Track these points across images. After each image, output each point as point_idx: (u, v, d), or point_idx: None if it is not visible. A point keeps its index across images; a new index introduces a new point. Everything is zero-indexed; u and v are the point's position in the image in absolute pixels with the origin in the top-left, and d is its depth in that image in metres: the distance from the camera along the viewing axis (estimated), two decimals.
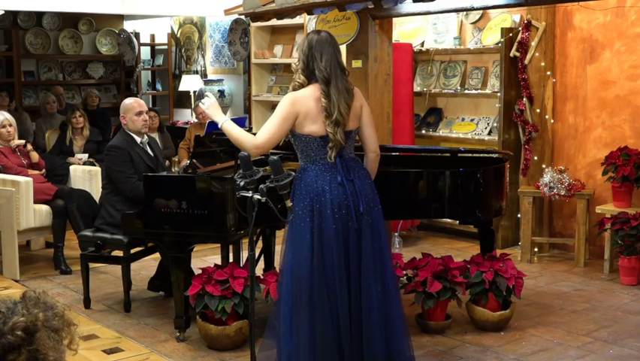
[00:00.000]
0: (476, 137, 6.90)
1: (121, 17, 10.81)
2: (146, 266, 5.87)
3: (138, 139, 5.08)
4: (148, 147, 5.14)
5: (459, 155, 5.19)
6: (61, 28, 10.49)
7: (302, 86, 3.57)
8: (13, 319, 1.51)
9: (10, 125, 6.29)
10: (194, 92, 9.52)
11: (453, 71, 7.17)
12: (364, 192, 3.55)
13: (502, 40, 6.44)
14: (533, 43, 6.27)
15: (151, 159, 5.10)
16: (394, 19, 6.06)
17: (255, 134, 3.66)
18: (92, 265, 5.34)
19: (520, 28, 6.37)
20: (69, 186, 6.57)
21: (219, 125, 3.70)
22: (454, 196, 4.49)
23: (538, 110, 6.36)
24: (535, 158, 6.39)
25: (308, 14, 5.80)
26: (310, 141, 3.54)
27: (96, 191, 6.35)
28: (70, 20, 10.53)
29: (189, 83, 9.59)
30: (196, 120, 7.99)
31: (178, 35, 10.36)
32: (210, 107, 3.75)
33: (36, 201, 5.92)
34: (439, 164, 4.93)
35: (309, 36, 3.64)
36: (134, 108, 5.06)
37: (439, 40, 7.29)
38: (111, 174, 5.02)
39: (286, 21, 6.31)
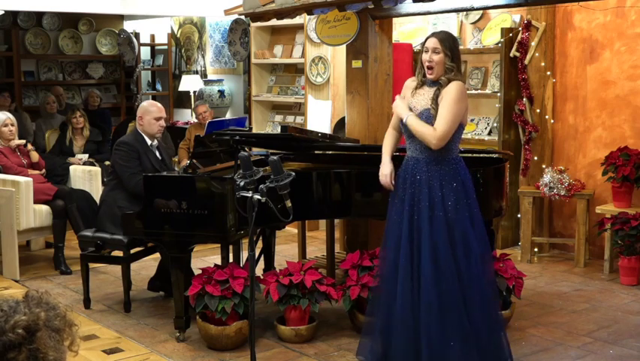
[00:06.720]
0: (476, 137, 6.89)
1: (121, 17, 10.80)
2: (146, 266, 5.87)
3: (149, 141, 5.14)
4: (157, 151, 5.19)
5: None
6: (61, 28, 10.47)
7: None
8: (15, 317, 1.52)
9: (12, 125, 6.30)
10: (194, 92, 9.51)
11: None
12: None
13: (502, 40, 6.43)
14: (533, 44, 6.27)
15: (158, 162, 5.15)
16: (394, 19, 6.05)
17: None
18: (92, 265, 5.35)
19: (520, 29, 6.37)
20: (69, 186, 6.57)
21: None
22: None
23: (538, 110, 6.36)
24: (535, 158, 6.39)
25: (308, 14, 5.79)
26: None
27: (96, 191, 6.35)
28: (70, 20, 10.51)
29: (189, 84, 9.58)
30: (196, 120, 7.98)
31: (178, 35, 10.35)
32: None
33: (36, 202, 5.92)
34: None
35: None
36: (154, 112, 5.13)
37: None
38: (117, 169, 5.06)
39: (286, 21, 6.30)
